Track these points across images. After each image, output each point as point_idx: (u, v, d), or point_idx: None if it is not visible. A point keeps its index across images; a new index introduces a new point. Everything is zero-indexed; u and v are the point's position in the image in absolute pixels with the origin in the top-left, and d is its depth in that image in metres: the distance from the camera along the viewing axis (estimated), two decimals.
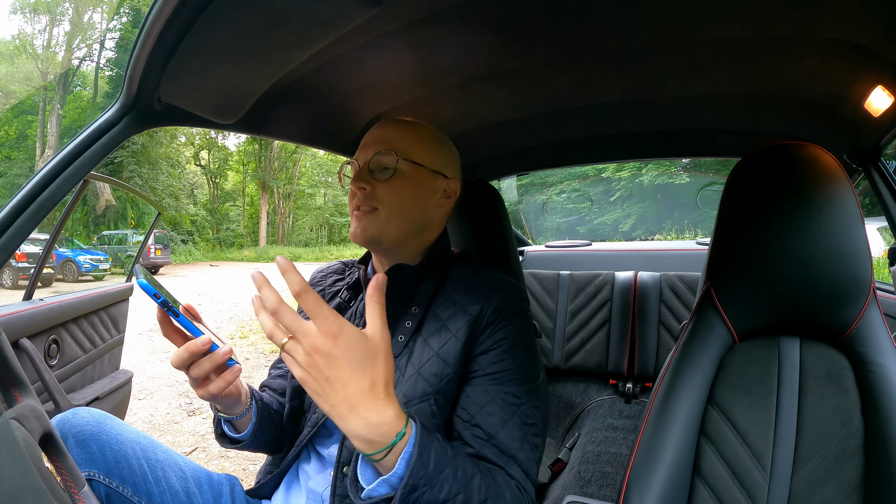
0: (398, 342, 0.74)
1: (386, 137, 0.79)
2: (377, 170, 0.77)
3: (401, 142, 0.78)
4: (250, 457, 2.61)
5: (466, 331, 0.70)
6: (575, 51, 0.99)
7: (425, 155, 0.79)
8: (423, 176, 0.78)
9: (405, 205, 0.77)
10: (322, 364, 0.47)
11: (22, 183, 0.84)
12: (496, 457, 0.65)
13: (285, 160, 25.31)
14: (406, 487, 0.51)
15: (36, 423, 0.53)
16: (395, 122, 0.82)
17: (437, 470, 0.54)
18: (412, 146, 0.78)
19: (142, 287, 0.57)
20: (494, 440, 0.66)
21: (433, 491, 0.53)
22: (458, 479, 0.56)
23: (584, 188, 9.05)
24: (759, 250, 0.74)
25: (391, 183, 0.76)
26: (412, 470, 0.52)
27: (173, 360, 0.61)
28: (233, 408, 0.72)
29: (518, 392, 0.69)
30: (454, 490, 0.55)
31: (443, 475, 0.54)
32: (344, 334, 0.47)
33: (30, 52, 19.13)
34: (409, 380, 0.70)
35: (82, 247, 14.35)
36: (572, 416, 2.05)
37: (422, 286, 0.77)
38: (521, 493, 0.64)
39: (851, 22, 0.80)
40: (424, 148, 0.79)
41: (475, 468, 0.60)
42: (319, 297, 0.47)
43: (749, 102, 1.21)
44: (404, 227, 0.77)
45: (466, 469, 0.58)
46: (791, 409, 0.71)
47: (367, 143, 0.80)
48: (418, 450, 0.52)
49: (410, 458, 0.52)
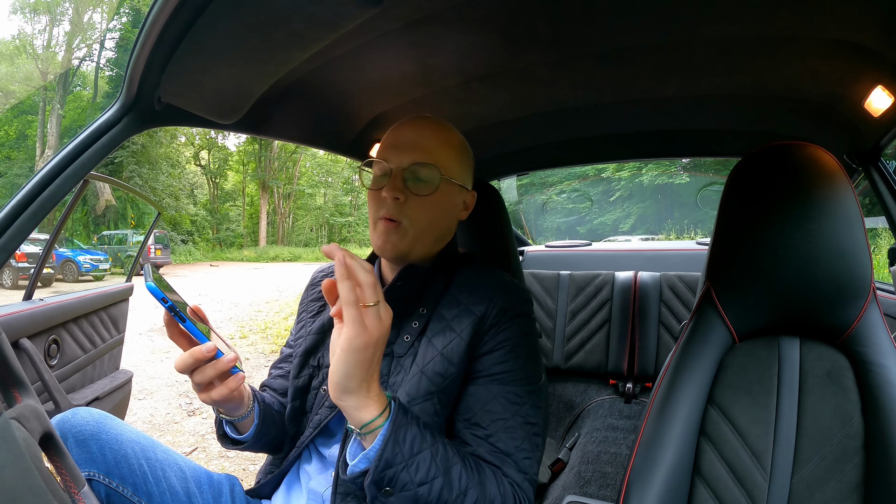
0: (404, 342, 0.74)
1: (426, 145, 0.74)
2: (412, 179, 0.73)
3: (441, 154, 0.74)
4: (250, 457, 2.61)
5: (471, 331, 0.70)
6: (575, 51, 0.99)
7: (458, 169, 0.77)
8: (454, 191, 0.77)
9: (434, 222, 0.75)
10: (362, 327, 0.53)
11: (22, 183, 0.84)
12: (492, 455, 0.65)
13: (285, 160, 25.32)
14: (380, 461, 0.54)
15: (36, 423, 0.53)
16: (433, 126, 0.77)
17: (414, 451, 0.56)
18: (451, 160, 0.75)
19: (150, 290, 0.56)
20: (492, 438, 0.66)
21: (409, 471, 0.56)
22: (437, 462, 0.58)
23: (584, 188, 9.06)
24: (759, 250, 0.74)
25: (429, 200, 0.73)
26: (386, 445, 0.55)
27: (177, 364, 0.61)
28: (235, 410, 0.72)
29: (520, 392, 0.69)
30: (432, 473, 0.57)
31: (420, 457, 0.57)
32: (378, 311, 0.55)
33: (30, 52, 19.13)
34: (413, 378, 0.70)
35: (82, 247, 14.35)
36: (572, 416, 2.05)
37: (431, 287, 0.77)
38: (514, 490, 0.64)
39: (851, 22, 0.80)
40: (458, 161, 0.77)
41: (457, 457, 0.61)
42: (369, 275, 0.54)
43: (749, 102, 1.21)
44: (430, 242, 0.76)
45: (448, 456, 0.59)
46: (791, 409, 0.71)
47: (403, 145, 0.74)
48: (393, 427, 0.55)
49: (386, 436, 0.55)
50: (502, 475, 0.64)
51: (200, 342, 0.60)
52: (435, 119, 0.79)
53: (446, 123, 0.80)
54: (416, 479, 0.56)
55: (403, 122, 0.78)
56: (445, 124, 0.79)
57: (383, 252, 0.75)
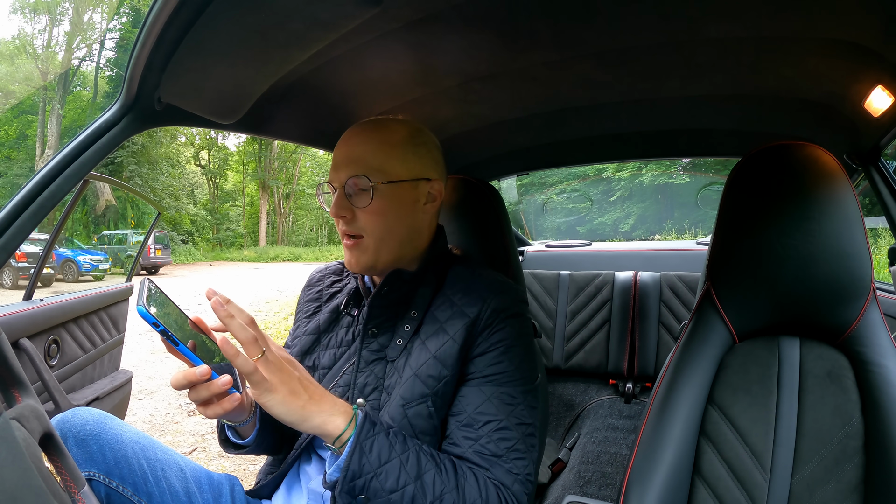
0: (397, 346, 0.74)
1: (356, 156, 0.73)
2: (354, 194, 0.73)
3: (373, 158, 0.73)
4: (250, 457, 2.60)
5: (464, 333, 0.70)
6: (575, 51, 0.99)
7: (401, 166, 0.74)
8: (403, 190, 0.75)
9: (390, 227, 0.74)
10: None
11: (22, 183, 0.84)
12: (480, 458, 0.65)
13: (285, 160, 25.31)
14: (347, 472, 0.57)
15: (36, 423, 0.53)
16: (363, 132, 0.76)
17: (381, 460, 0.59)
18: (386, 160, 0.73)
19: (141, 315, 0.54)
20: (483, 440, 0.66)
21: (378, 479, 0.58)
22: (407, 470, 0.60)
23: (584, 188, 9.05)
24: (759, 250, 0.74)
25: (371, 209, 0.72)
26: (352, 456, 0.58)
27: (173, 381, 0.60)
28: (237, 416, 0.72)
29: (514, 393, 0.69)
30: (402, 480, 0.59)
31: (388, 466, 0.59)
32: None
33: (30, 52, 19.13)
34: (407, 382, 0.70)
35: (82, 247, 14.36)
36: (572, 416, 2.05)
37: (420, 290, 0.77)
38: (499, 492, 0.64)
39: (851, 22, 0.80)
40: (399, 157, 0.74)
41: (432, 463, 0.62)
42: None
43: (749, 102, 1.21)
44: (395, 247, 0.76)
45: (420, 464, 0.61)
46: (791, 409, 0.71)
47: (338, 162, 0.75)
48: (356, 439, 0.58)
49: (352, 447, 0.58)
50: (487, 478, 0.64)
51: (195, 364, 0.59)
52: (372, 121, 0.77)
53: (386, 121, 0.77)
54: (386, 487, 0.58)
55: (342, 138, 0.77)
56: (383, 123, 0.77)
57: (352, 268, 0.76)
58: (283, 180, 25.43)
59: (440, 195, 0.80)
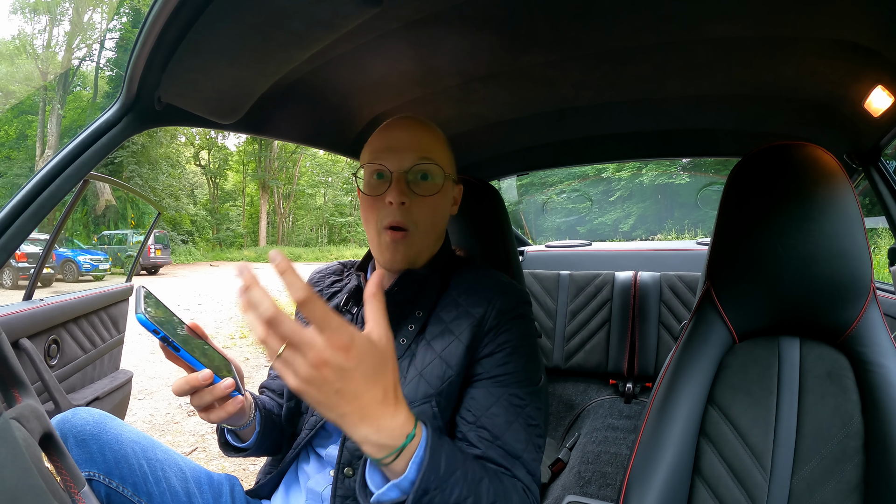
0: (400, 345, 0.74)
1: (422, 143, 0.72)
2: (415, 181, 0.72)
3: (436, 150, 0.73)
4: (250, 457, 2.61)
5: (469, 334, 0.70)
6: (575, 51, 0.99)
7: (450, 164, 0.77)
8: (450, 188, 0.77)
9: (436, 223, 0.74)
10: (332, 378, 0.43)
11: (22, 183, 0.84)
12: (502, 458, 0.65)
13: (285, 160, 25.31)
14: (418, 491, 0.50)
15: (36, 423, 0.53)
16: (423, 124, 0.76)
17: (448, 473, 0.53)
18: (446, 157, 0.74)
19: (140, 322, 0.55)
20: (500, 441, 0.65)
21: (444, 494, 0.52)
22: (468, 481, 0.55)
23: (584, 188, 9.05)
24: (759, 250, 0.74)
25: (432, 200, 0.72)
26: (424, 473, 0.50)
27: (174, 387, 0.60)
28: (238, 420, 0.71)
29: (522, 394, 0.69)
30: (464, 493, 0.54)
31: (453, 478, 0.53)
32: (356, 345, 0.44)
33: (30, 52, 19.13)
34: (411, 382, 0.70)
35: (82, 247, 14.36)
36: (572, 416, 2.05)
37: (427, 291, 0.77)
38: (526, 494, 0.64)
39: (851, 22, 0.80)
40: (450, 157, 0.77)
41: (483, 471, 0.59)
42: (326, 305, 0.43)
43: (749, 102, 1.21)
44: (432, 244, 0.76)
45: (475, 471, 0.57)
46: (791, 410, 0.71)
47: (400, 145, 0.72)
48: (430, 453, 0.51)
49: (422, 462, 0.50)
50: (513, 478, 0.64)
51: (197, 369, 0.60)
52: (420, 118, 0.79)
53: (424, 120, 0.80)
54: (450, 502, 0.53)
55: (392, 123, 0.76)
56: (430, 122, 0.79)
57: (393, 265, 0.74)
58: (283, 180, 25.42)
59: (459, 202, 0.83)
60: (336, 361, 0.42)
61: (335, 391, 0.43)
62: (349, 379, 0.43)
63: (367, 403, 0.45)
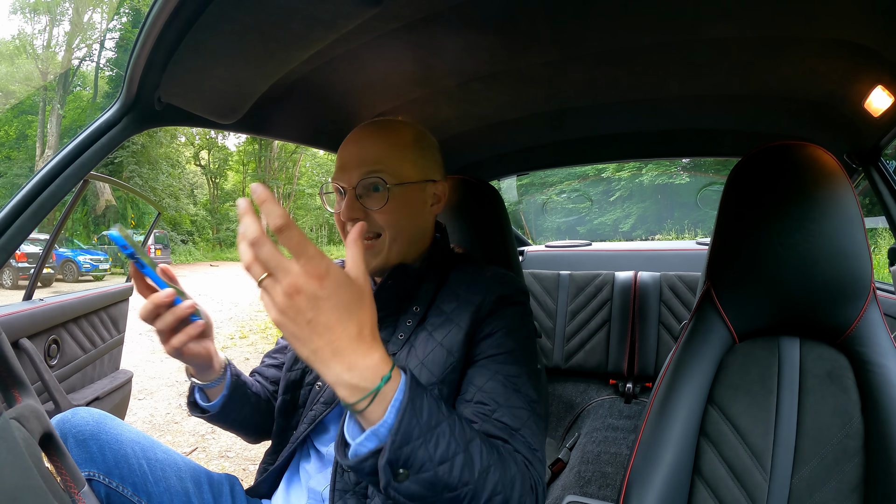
0: (398, 339, 0.74)
1: (368, 156, 0.73)
2: (366, 195, 0.73)
3: (385, 159, 0.73)
4: (250, 457, 2.61)
5: (469, 320, 0.71)
6: (575, 51, 0.99)
7: (411, 167, 0.75)
8: (414, 192, 0.76)
9: (402, 227, 0.75)
10: (305, 306, 0.42)
11: (22, 183, 0.84)
12: (500, 430, 0.62)
13: (285, 160, 25.32)
14: (397, 437, 0.45)
15: (36, 423, 0.53)
16: (373, 132, 0.76)
17: (432, 422, 0.48)
18: (399, 163, 0.74)
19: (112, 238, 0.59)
20: (497, 413, 0.63)
21: (428, 446, 0.47)
22: (457, 437, 0.50)
23: (584, 188, 9.05)
24: (759, 250, 0.74)
25: (385, 210, 0.73)
26: (403, 416, 0.46)
27: (140, 312, 0.64)
28: (205, 373, 0.74)
29: (519, 372, 0.68)
30: (453, 448, 0.49)
31: (439, 429, 0.48)
32: (331, 275, 0.43)
33: (30, 52, 19.13)
34: (414, 371, 0.70)
35: (82, 247, 14.35)
36: (572, 416, 2.05)
37: (424, 286, 0.77)
38: (527, 468, 0.60)
39: (851, 22, 0.80)
40: (410, 160, 0.75)
41: (474, 431, 0.54)
42: (304, 234, 0.42)
43: (749, 102, 1.21)
44: (404, 247, 0.76)
45: (465, 429, 0.52)
46: (791, 409, 0.71)
47: (348, 162, 0.74)
48: (409, 395, 0.47)
49: (401, 405, 0.46)
50: (513, 450, 0.60)
51: (160, 288, 0.64)
52: (379, 122, 0.78)
53: (393, 123, 0.78)
54: (436, 457, 0.48)
55: (348, 138, 0.77)
56: (391, 124, 0.78)
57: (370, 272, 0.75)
58: (283, 180, 25.42)
59: (444, 196, 0.82)
60: (309, 289, 0.42)
61: (307, 321, 0.43)
62: (321, 309, 0.43)
63: (338, 337, 0.44)
